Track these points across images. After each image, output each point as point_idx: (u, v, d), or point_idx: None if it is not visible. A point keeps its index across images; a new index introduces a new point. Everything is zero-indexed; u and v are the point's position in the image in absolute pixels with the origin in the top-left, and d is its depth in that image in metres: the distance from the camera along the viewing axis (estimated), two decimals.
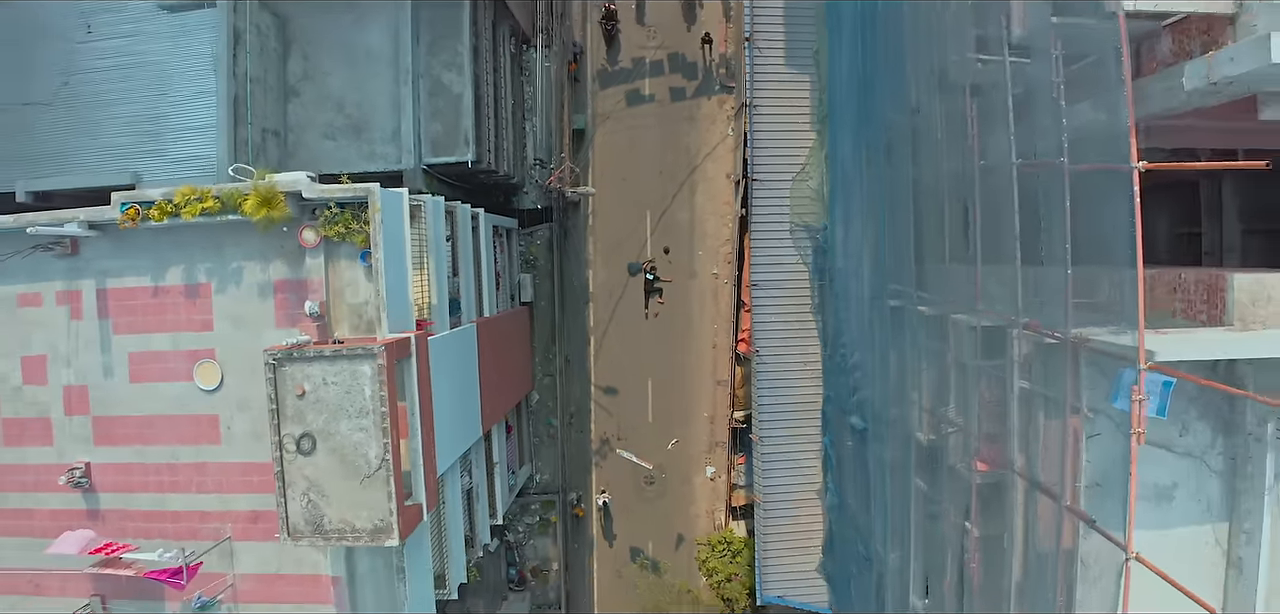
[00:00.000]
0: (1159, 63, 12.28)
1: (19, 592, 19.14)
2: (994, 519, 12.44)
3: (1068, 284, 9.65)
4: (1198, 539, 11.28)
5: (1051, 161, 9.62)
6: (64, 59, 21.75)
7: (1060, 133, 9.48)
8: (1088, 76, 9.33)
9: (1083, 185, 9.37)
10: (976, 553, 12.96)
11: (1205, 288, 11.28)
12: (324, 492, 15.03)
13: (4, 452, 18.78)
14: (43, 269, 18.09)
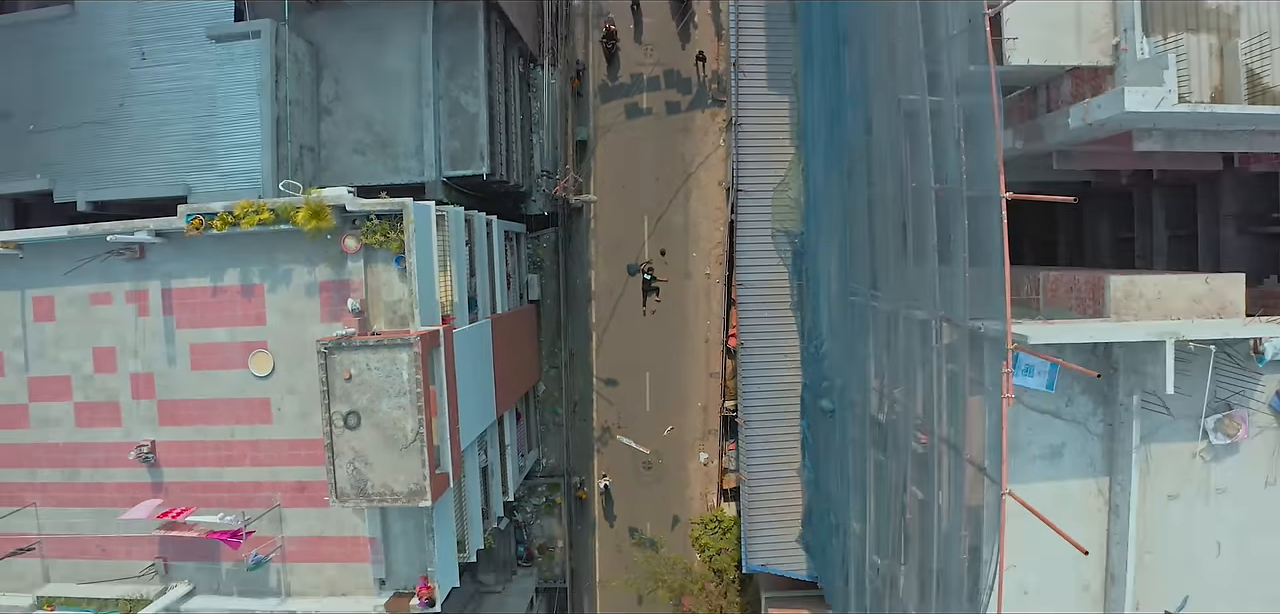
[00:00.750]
0: (1062, 101, 15.11)
1: (88, 556, 22.04)
2: (928, 482, 15.26)
3: (966, 285, 12.45)
4: (1084, 489, 14.14)
5: (954, 188, 12.43)
6: (121, 83, 24.63)
7: (960, 164, 12.27)
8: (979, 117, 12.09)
9: (978, 205, 12.14)
10: (914, 512, 15.80)
11: (1091, 287, 14.13)
12: (367, 460, 17.93)
13: (77, 432, 21.68)
14: (113, 271, 20.97)
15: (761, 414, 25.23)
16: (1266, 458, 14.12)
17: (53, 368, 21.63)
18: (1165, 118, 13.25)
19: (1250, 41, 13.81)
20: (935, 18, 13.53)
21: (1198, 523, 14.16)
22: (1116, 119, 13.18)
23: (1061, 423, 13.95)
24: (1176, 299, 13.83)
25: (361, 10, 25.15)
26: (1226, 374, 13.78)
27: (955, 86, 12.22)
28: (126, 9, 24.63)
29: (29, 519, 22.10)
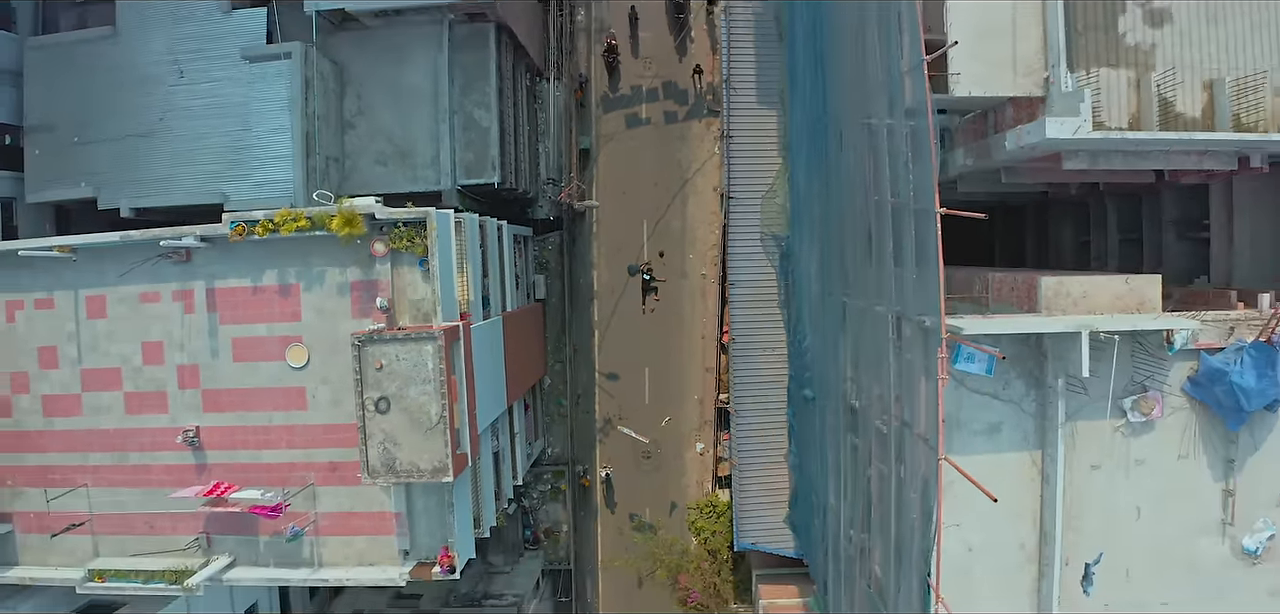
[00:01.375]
0: (1005, 125, 17.55)
1: (135, 532, 24.49)
2: (889, 459, 17.69)
3: (911, 286, 14.87)
4: (1019, 461, 16.59)
5: (904, 202, 14.85)
6: (161, 99, 27.15)
7: (908, 182, 14.68)
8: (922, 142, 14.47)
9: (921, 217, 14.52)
10: (878, 486, 18.23)
11: (1027, 286, 16.58)
12: (396, 441, 20.41)
13: (126, 419, 24.16)
14: (161, 273, 23.44)
15: (751, 404, 27.67)
16: (1179, 434, 16.58)
17: (104, 361, 24.09)
18: (1086, 142, 15.68)
19: (1164, 73, 16.26)
20: (893, 51, 15.94)
21: (1119, 490, 16.62)
22: (1043, 143, 15.63)
23: (999, 403, 16.42)
24: (1101, 296, 16.29)
25: (382, 32, 27.67)
26: (1143, 361, 16.23)
27: (904, 113, 14.65)
28: (165, 31, 27.15)
29: (80, 499, 24.57)
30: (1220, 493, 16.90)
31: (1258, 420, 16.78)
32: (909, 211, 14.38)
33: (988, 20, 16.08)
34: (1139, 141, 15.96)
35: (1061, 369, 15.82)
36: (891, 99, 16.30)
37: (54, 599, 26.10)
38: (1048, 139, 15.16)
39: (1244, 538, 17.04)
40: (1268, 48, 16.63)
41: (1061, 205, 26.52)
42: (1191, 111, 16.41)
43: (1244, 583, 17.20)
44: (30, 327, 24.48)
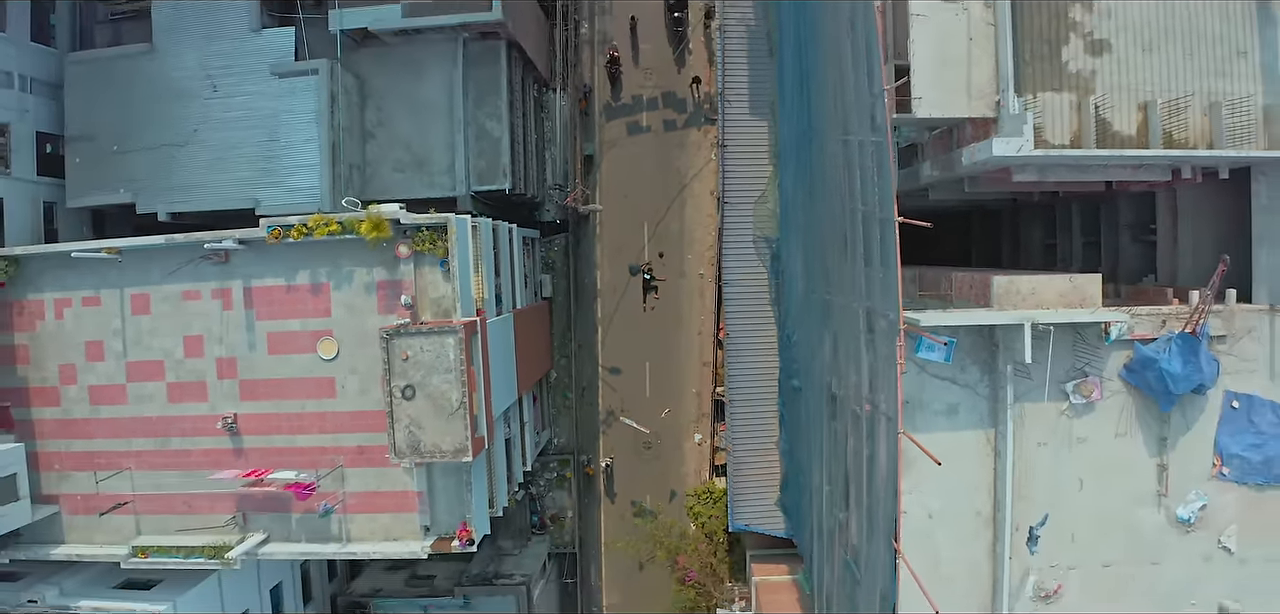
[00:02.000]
0: (965, 141, 19.99)
1: (175, 511, 26.97)
2: (861, 438, 20.12)
3: (877, 283, 17.30)
4: (975, 438, 19.03)
5: (872, 210, 17.29)
6: (196, 111, 29.65)
7: (875, 192, 17.09)
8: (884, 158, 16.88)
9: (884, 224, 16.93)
10: (854, 463, 20.66)
11: (983, 284, 19.04)
12: (420, 425, 22.91)
13: (168, 407, 26.64)
14: (202, 273, 25.93)
15: (745, 395, 30.14)
16: (1116, 415, 19.04)
17: (148, 354, 26.59)
18: (1030, 158, 18.14)
19: (1102, 96, 18.71)
20: (863, 76, 18.37)
21: (1064, 464, 19.07)
22: (991, 160, 18.08)
23: (957, 387, 18.86)
24: (1047, 294, 18.76)
25: (401, 49, 30.17)
26: (1083, 350, 18.69)
27: (869, 133, 17.10)
28: (199, 48, 29.64)
29: (124, 481, 27.07)
30: (1155, 467, 19.36)
31: (1189, 403, 19.24)
32: (875, 218, 16.83)
33: (946, 51, 18.53)
34: (1078, 157, 18.42)
35: (1010, 357, 18.28)
36: (862, 118, 18.75)
37: (98, 575, 28.61)
38: (995, 156, 17.64)
39: (1178, 508, 19.50)
40: (1196, 73, 19.08)
41: (1031, 210, 29.00)
42: (1127, 130, 18.84)
43: (1178, 548, 19.65)
44: (78, 323, 26.96)
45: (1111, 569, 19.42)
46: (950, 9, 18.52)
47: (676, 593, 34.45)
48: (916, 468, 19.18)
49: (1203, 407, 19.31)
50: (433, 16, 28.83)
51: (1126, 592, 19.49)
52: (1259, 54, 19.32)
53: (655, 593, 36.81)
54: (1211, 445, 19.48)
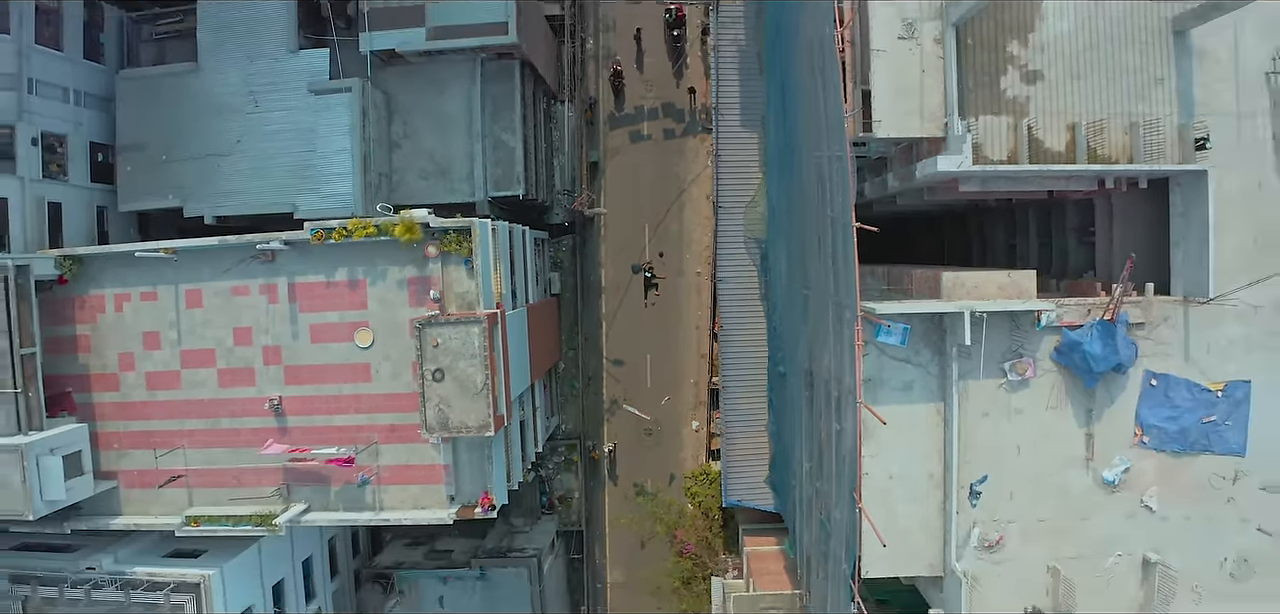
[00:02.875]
0: (922, 156, 23.67)
1: (225, 485, 30.69)
2: (831, 415, 23.80)
3: (841, 278, 20.98)
4: (927, 411, 22.72)
5: (837, 216, 20.97)
6: (238, 124, 33.41)
7: (839, 201, 20.75)
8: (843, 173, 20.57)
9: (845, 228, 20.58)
10: (826, 437, 24.36)
11: (934, 280, 22.75)
12: (449, 404, 26.65)
13: (219, 391, 30.38)
14: (250, 270, 29.67)
15: (737, 381, 33.90)
16: (1048, 390, 22.73)
17: (200, 343, 30.33)
18: (971, 172, 21.83)
19: (1035, 119, 22.43)
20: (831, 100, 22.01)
21: (1003, 433, 22.76)
22: (938, 173, 21.79)
23: (912, 366, 22.57)
24: (989, 287, 22.47)
25: (425, 68, 33.97)
26: (1018, 334, 22.41)
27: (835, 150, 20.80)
28: (242, 67, 33.40)
29: (178, 458, 30.80)
30: (1083, 436, 23.05)
31: (1112, 380, 22.92)
32: (840, 224, 20.56)
33: (902, 81, 22.22)
34: (1013, 171, 22.11)
35: (955, 340, 21.98)
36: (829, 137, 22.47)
37: (150, 545, 32.36)
38: (940, 170, 21.32)
39: (1104, 471, 23.18)
40: (1118, 97, 22.74)
41: (993, 215, 32.76)
42: (1057, 147, 22.52)
43: (1105, 506, 23.33)
44: (136, 315, 30.71)
45: (1046, 524, 23.13)
46: (905, 45, 22.22)
47: (675, 564, 38.20)
48: (877, 437, 22.94)
49: (1125, 384, 23.00)
50: (453, 40, 32.64)
51: (1059, 544, 23.20)
52: (1175, 81, 23.02)
53: (656, 569, 40.54)
54: (1133, 417, 23.17)
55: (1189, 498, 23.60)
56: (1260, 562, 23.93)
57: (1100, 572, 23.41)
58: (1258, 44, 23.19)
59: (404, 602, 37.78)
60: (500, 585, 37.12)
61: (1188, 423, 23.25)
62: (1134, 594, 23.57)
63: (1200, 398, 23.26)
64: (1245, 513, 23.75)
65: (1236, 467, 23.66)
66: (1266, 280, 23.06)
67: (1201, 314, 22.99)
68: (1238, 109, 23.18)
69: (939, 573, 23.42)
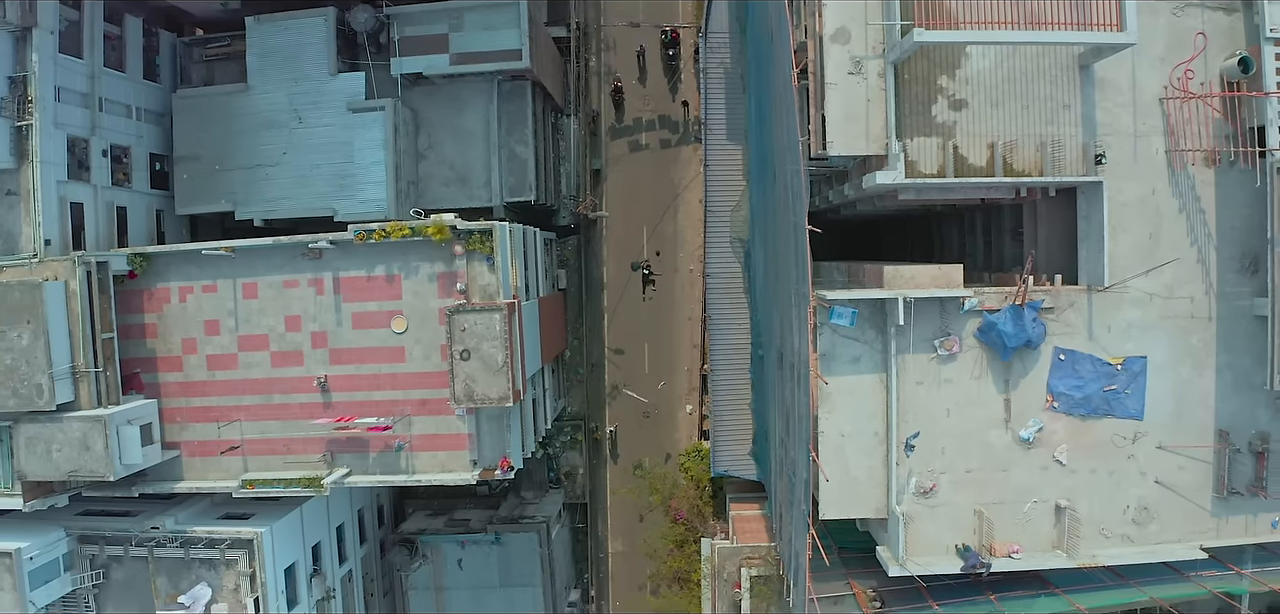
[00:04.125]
0: (871, 170, 29.31)
1: (276, 453, 36.44)
2: (798, 385, 29.46)
3: (799, 271, 26.65)
4: (873, 380, 28.43)
5: (799, 221, 26.65)
6: (284, 138, 39.22)
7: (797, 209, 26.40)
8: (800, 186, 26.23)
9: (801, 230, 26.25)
10: (793, 406, 30.03)
11: (879, 272, 28.46)
12: (474, 379, 32.42)
13: (272, 371, 36.12)
14: (299, 266, 35.42)
15: (724, 365, 39.61)
16: (972, 363, 28.41)
17: (255, 329, 36.08)
18: (905, 184, 27.54)
19: (960, 139, 28.13)
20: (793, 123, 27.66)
21: (935, 398, 28.45)
22: (877, 185, 27.52)
23: (860, 343, 28.28)
24: (923, 278, 28.15)
25: (447, 88, 39.79)
26: (946, 316, 28.10)
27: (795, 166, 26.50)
28: (287, 88, 39.21)
29: (234, 430, 36.54)
30: (1002, 401, 28.72)
31: (1027, 354, 28.59)
32: (800, 228, 26.28)
33: (850, 108, 27.91)
34: (941, 183, 27.80)
35: (894, 322, 27.70)
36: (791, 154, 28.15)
37: (205, 508, 38.15)
38: (879, 182, 27.07)
39: (1020, 430, 28.85)
40: (1031, 121, 28.35)
41: (948, 219, 38.54)
42: (979, 163, 28.17)
43: (1022, 460, 29.00)
44: (198, 305, 36.48)
45: (972, 474, 28.84)
46: (854, 79, 27.93)
47: (670, 529, 43.92)
48: (832, 402, 28.73)
49: (1037, 358, 28.69)
50: (473, 65, 38.51)
51: (983, 491, 28.90)
52: (1080, 107, 28.65)
53: (654, 540, 46.26)
54: (1045, 386, 28.85)
55: (1094, 454, 29.28)
56: (1158, 510, 29.64)
57: (1019, 516, 29.14)
58: (1152, 74, 28.88)
59: (427, 563, 43.55)
60: (513, 548, 42.92)
61: (1091, 391, 28.94)
62: (1048, 534, 29.29)
63: (1102, 370, 28.96)
64: (1144, 468, 29.44)
65: (1136, 429, 29.36)
66: (1158, 269, 28.74)
67: (1102, 300, 28.69)
68: (1135, 129, 28.87)
69: (883, 515, 29.15)
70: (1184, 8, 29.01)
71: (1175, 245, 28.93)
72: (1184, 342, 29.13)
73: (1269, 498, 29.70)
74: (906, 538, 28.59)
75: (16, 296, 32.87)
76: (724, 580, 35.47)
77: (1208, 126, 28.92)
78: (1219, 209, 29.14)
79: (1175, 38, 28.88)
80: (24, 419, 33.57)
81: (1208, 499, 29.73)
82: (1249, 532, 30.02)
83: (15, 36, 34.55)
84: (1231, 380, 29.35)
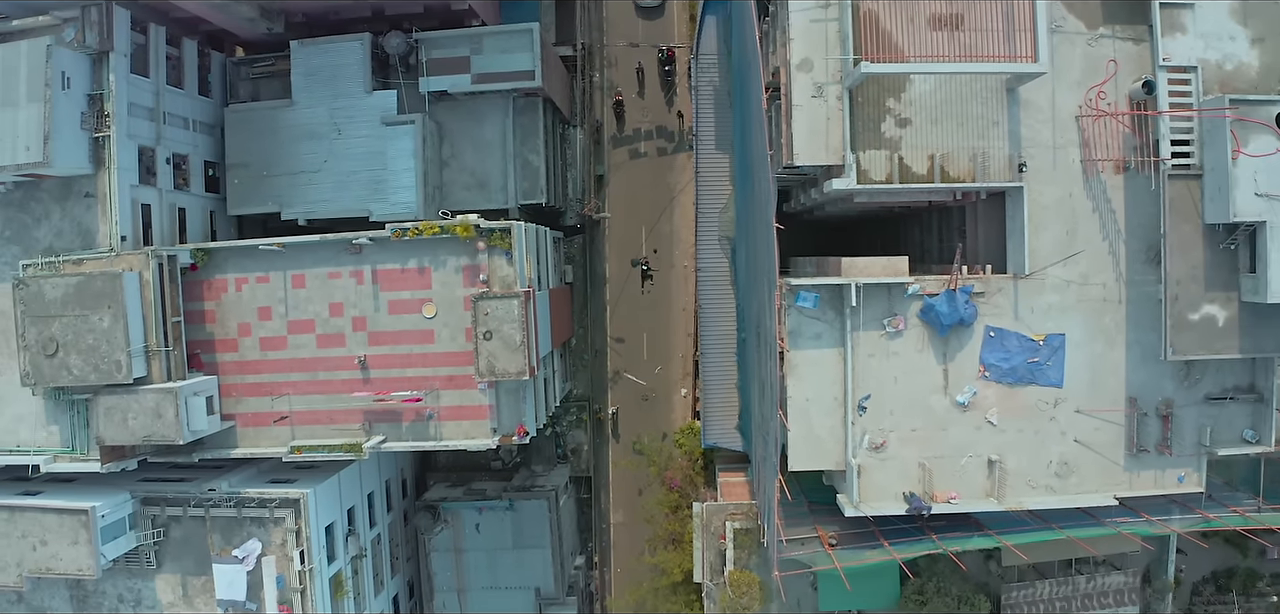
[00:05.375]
0: (831, 176, 35.93)
1: (320, 423, 43.15)
2: (770, 359, 36.05)
3: (772, 261, 33.24)
4: (833, 353, 35.12)
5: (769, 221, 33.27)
6: (325, 147, 46.00)
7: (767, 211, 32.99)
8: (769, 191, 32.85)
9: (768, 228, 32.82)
10: (768, 377, 36.63)
11: (838, 264, 35.12)
12: (496, 356, 39.15)
13: (318, 351, 42.81)
14: (342, 259, 42.19)
15: (713, 347, 46.24)
16: (916, 339, 35.10)
17: (303, 314, 42.82)
18: (858, 189, 34.22)
19: (905, 151, 34.79)
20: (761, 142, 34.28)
21: (884, 368, 35.12)
22: (835, 189, 34.22)
23: (821, 322, 34.97)
24: (874, 267, 34.86)
25: (468, 103, 46.60)
26: (893, 299, 34.77)
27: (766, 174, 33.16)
28: (328, 104, 45.97)
29: (284, 402, 43.22)
30: (941, 371, 35.34)
31: (962, 331, 35.20)
32: (770, 226, 32.94)
33: (813, 126, 34.55)
34: (889, 188, 34.47)
35: (849, 303, 34.35)
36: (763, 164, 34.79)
37: (255, 473, 44.84)
38: (835, 188, 33.78)
39: (957, 396, 35.47)
40: (965, 136, 34.92)
41: (910, 219, 45.25)
42: (921, 171, 34.77)
43: (959, 421, 35.62)
44: (252, 294, 43.21)
45: (916, 432, 35.48)
46: (816, 101, 34.59)
47: (665, 496, 50.53)
48: (798, 372, 35.43)
49: (971, 334, 35.33)
50: (491, 84, 45.32)
51: (926, 446, 35.55)
52: (1006, 124, 35.25)
53: (651, 508, 52.87)
54: (978, 358, 35.47)
55: (1021, 416, 35.92)
56: (1077, 464, 36.25)
57: (956, 468, 35.79)
58: (1070, 95, 35.48)
59: (447, 528, 50.22)
60: (524, 514, 49.64)
61: (1017, 363, 35.58)
62: (981, 484, 35.93)
63: (1027, 345, 35.59)
64: (1064, 429, 36.05)
65: (1057, 395, 35.98)
66: (1074, 259, 35.31)
67: (1026, 285, 35.32)
68: (1054, 142, 35.49)
69: (841, 467, 35.84)
70: (1098, 38, 35.68)
71: (1089, 240, 35.56)
72: (1098, 321, 35.74)
73: (1174, 456, 36.25)
74: (860, 486, 35.27)
75: (99, 285, 39.62)
76: (712, 534, 42.07)
77: (1118, 139, 35.55)
78: (1128, 209, 35.71)
79: (1090, 64, 35.52)
80: (103, 391, 40.25)
81: (1121, 456, 36.30)
82: (1157, 485, 36.61)
83: (93, 59, 41.28)
84: (1139, 354, 35.90)
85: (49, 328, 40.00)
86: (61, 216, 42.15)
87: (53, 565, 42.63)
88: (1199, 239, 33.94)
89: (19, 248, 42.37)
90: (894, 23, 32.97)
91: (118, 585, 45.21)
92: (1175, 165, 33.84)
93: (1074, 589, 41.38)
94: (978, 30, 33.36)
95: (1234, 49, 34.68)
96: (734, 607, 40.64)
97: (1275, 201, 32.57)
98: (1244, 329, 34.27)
